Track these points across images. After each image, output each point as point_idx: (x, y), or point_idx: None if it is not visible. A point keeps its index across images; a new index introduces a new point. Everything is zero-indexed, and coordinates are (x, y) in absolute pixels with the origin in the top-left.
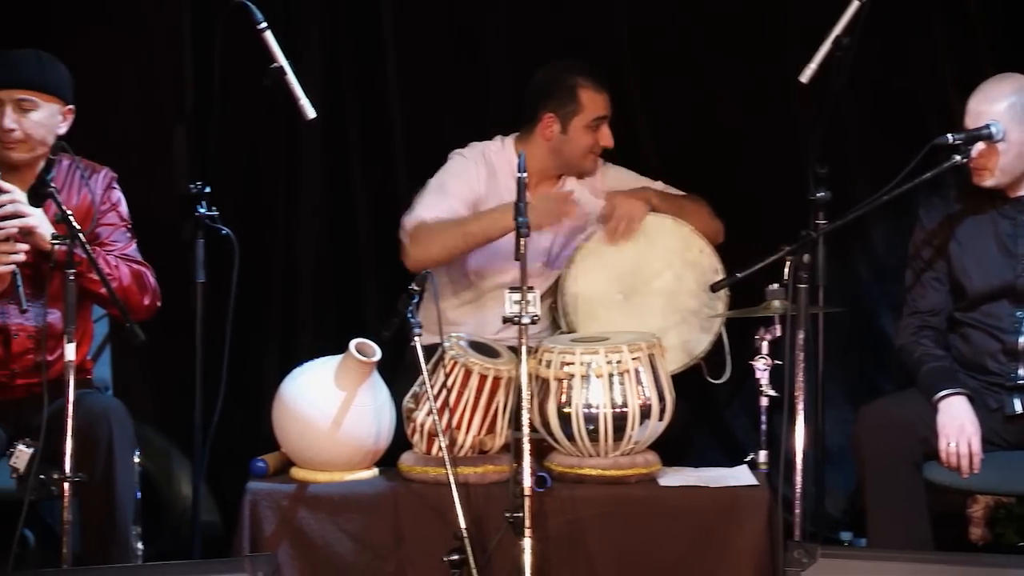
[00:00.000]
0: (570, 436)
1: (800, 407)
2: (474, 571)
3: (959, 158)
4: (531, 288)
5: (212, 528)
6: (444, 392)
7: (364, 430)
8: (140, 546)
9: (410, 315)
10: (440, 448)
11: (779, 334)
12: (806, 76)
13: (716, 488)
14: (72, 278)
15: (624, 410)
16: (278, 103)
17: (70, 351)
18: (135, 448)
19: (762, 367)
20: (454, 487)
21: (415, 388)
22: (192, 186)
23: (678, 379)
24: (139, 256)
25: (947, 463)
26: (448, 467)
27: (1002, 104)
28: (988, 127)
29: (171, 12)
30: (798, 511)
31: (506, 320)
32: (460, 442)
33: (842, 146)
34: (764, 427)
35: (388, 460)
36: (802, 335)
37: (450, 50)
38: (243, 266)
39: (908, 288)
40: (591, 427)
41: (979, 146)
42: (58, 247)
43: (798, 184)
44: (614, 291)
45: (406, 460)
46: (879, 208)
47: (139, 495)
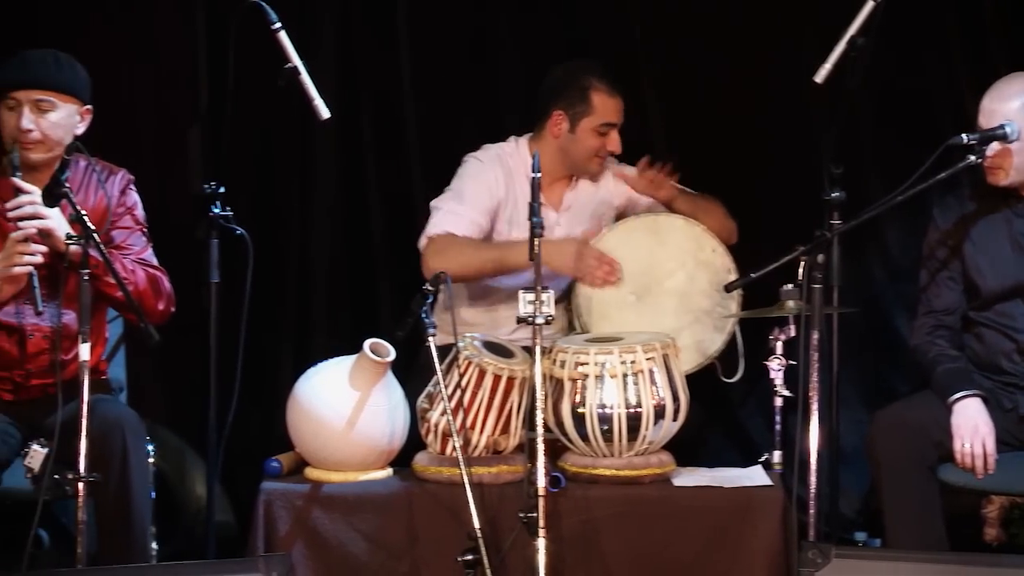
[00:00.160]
0: (584, 436)
1: (814, 407)
2: (488, 571)
3: (973, 158)
4: (545, 288)
5: (226, 528)
6: (458, 392)
7: (378, 430)
8: (154, 546)
9: (424, 315)
10: (454, 448)
11: (793, 334)
12: (821, 76)
13: (730, 488)
14: (87, 278)
15: (638, 410)
16: (292, 103)
17: (84, 351)
18: (149, 453)
19: (776, 367)
20: (468, 487)
21: (429, 388)
22: (206, 186)
23: (692, 379)
24: (155, 260)
25: (962, 464)
26: (462, 467)
27: (1016, 102)
28: (1003, 127)
29: (185, 12)
30: (812, 511)
31: (520, 320)
32: (474, 442)
33: (856, 146)
34: (778, 427)
35: (402, 460)
36: (816, 335)
37: (464, 50)
38: (257, 266)
39: (923, 288)
40: (605, 427)
41: (994, 146)
42: (73, 247)
43: (812, 184)
44: (627, 292)
45: (420, 460)
46: (893, 208)
47: (153, 495)
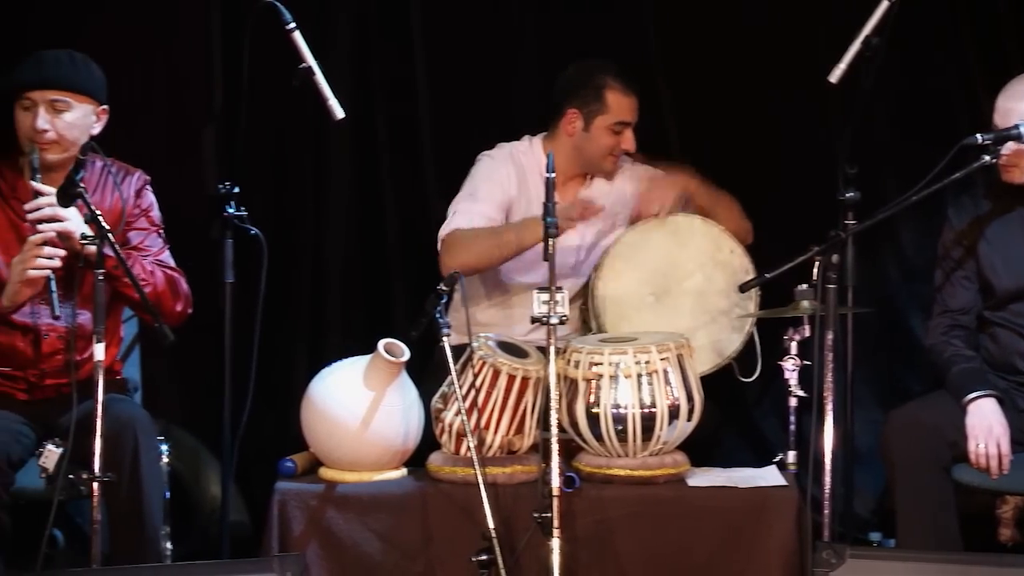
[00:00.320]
0: (598, 436)
1: (829, 407)
2: (502, 571)
3: (988, 158)
4: (559, 288)
5: (241, 528)
6: (473, 392)
7: (392, 430)
8: (169, 546)
9: (438, 315)
10: (468, 448)
11: (808, 334)
12: (835, 76)
13: (745, 489)
14: (101, 279)
15: (652, 410)
16: (307, 103)
17: (99, 351)
18: (161, 453)
19: (791, 367)
20: (482, 487)
21: (443, 388)
22: (221, 186)
23: (707, 380)
24: (172, 261)
25: (976, 464)
26: (476, 467)
27: None
28: (1018, 127)
29: (200, 13)
30: (827, 511)
31: (534, 320)
32: (488, 442)
33: (871, 146)
34: (793, 427)
35: (416, 460)
36: (831, 335)
37: (479, 50)
38: (271, 266)
39: (938, 288)
40: (619, 427)
41: (1009, 145)
42: (88, 247)
43: (827, 184)
44: (645, 292)
45: (434, 460)
46: (908, 208)
47: (168, 495)
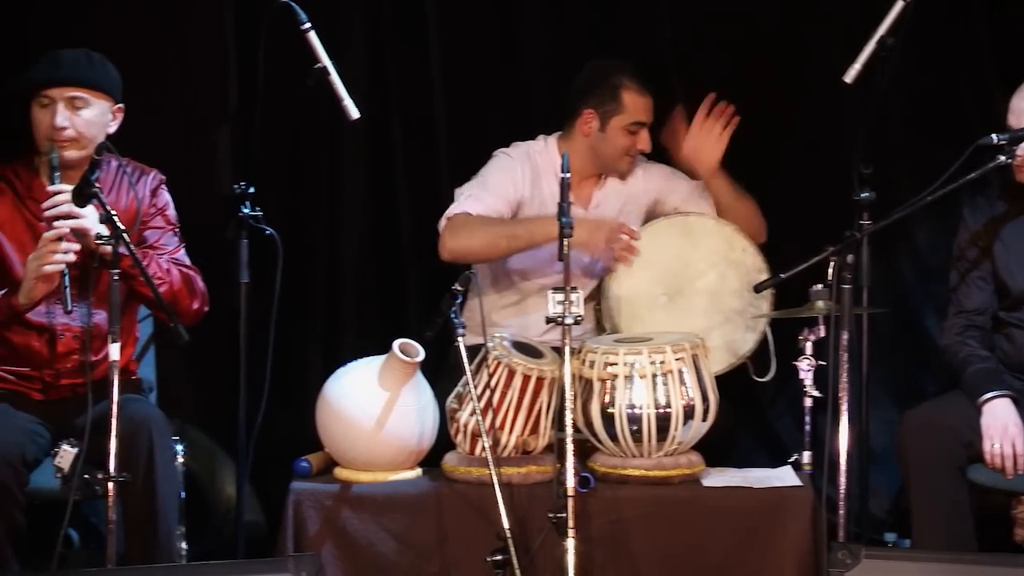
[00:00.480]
0: (613, 436)
1: (844, 408)
2: (517, 571)
3: (1003, 158)
4: (574, 288)
5: (256, 528)
6: (488, 392)
7: (407, 430)
8: (184, 546)
9: (453, 315)
10: (483, 448)
11: (823, 335)
12: (850, 76)
13: (760, 489)
14: (116, 278)
15: (668, 411)
16: (322, 103)
17: (114, 351)
18: (176, 452)
19: (806, 368)
20: (497, 487)
21: (458, 388)
22: (236, 186)
23: (721, 380)
24: (187, 260)
25: (991, 465)
26: (491, 467)
27: None
28: None
29: (215, 13)
30: (842, 512)
31: (549, 320)
32: (503, 442)
33: (886, 146)
34: (808, 428)
35: (431, 460)
36: (846, 335)
37: (494, 49)
38: (286, 266)
39: (953, 288)
40: (634, 427)
41: None
42: (103, 247)
43: (842, 184)
44: (658, 292)
45: (449, 460)
46: (923, 208)
47: (183, 495)
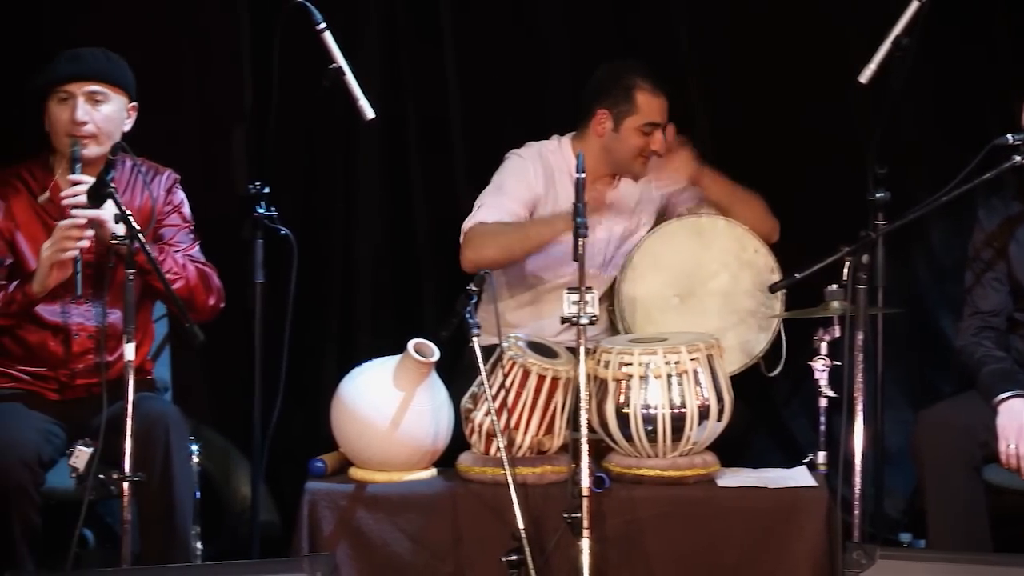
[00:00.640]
0: (628, 437)
1: (859, 408)
2: (532, 572)
3: (1019, 159)
4: (589, 288)
5: (271, 528)
6: (502, 392)
7: (422, 430)
8: (199, 546)
9: (468, 315)
10: (498, 448)
11: (838, 335)
12: (865, 76)
13: (775, 489)
14: (131, 278)
15: (682, 411)
16: (337, 104)
17: (129, 351)
18: (192, 451)
19: (821, 368)
20: (512, 487)
21: (473, 388)
22: (251, 186)
23: (736, 380)
24: (202, 257)
25: (1007, 465)
26: (506, 467)
27: None
28: None
29: (230, 13)
30: (857, 512)
31: (564, 321)
32: (518, 442)
33: (901, 146)
34: (823, 428)
35: (446, 460)
36: (861, 336)
37: (509, 49)
38: (302, 266)
39: (968, 289)
40: (649, 428)
41: None
42: (119, 246)
43: (857, 184)
44: (670, 293)
45: (464, 460)
46: (938, 209)
47: (198, 495)
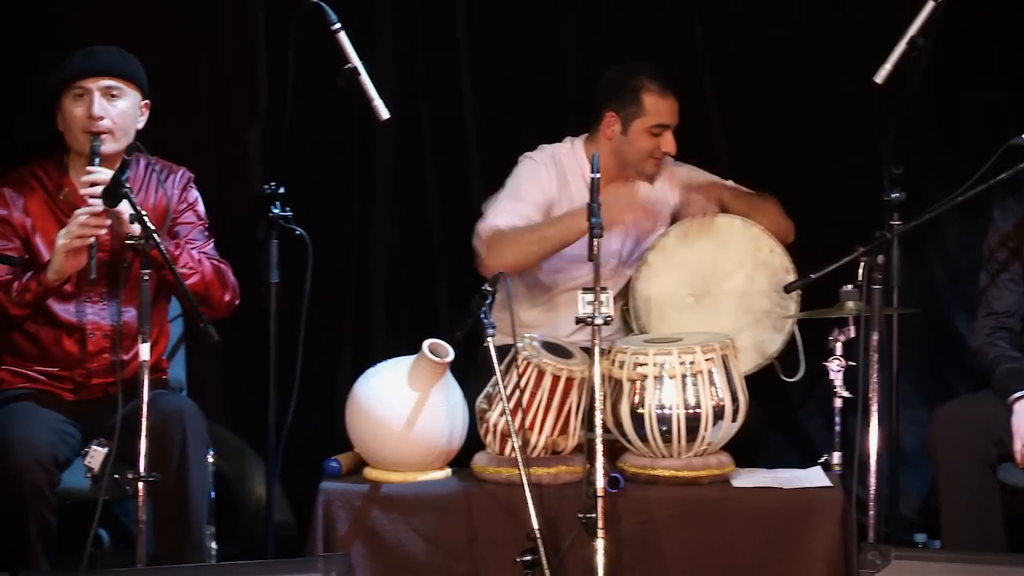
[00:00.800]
0: (643, 437)
1: (874, 408)
2: (547, 572)
3: None
4: (604, 289)
5: (286, 528)
6: (517, 393)
7: (437, 430)
8: (214, 546)
9: (483, 316)
10: (513, 449)
11: (853, 335)
12: (881, 77)
13: (790, 489)
14: (146, 279)
15: (697, 411)
16: (352, 104)
17: (144, 352)
18: (208, 448)
19: (836, 368)
20: (527, 488)
21: (488, 389)
22: (266, 187)
23: (751, 380)
24: (217, 254)
25: (1021, 464)
26: (521, 468)
27: None
28: None
29: (244, 13)
30: (872, 512)
31: (579, 321)
32: (533, 443)
33: (917, 147)
34: (838, 428)
35: (461, 460)
36: (876, 336)
37: (524, 50)
38: (316, 266)
39: (983, 290)
40: (664, 428)
41: None
42: (134, 245)
43: (873, 184)
44: (685, 293)
45: (479, 460)
46: (953, 209)
47: (213, 495)
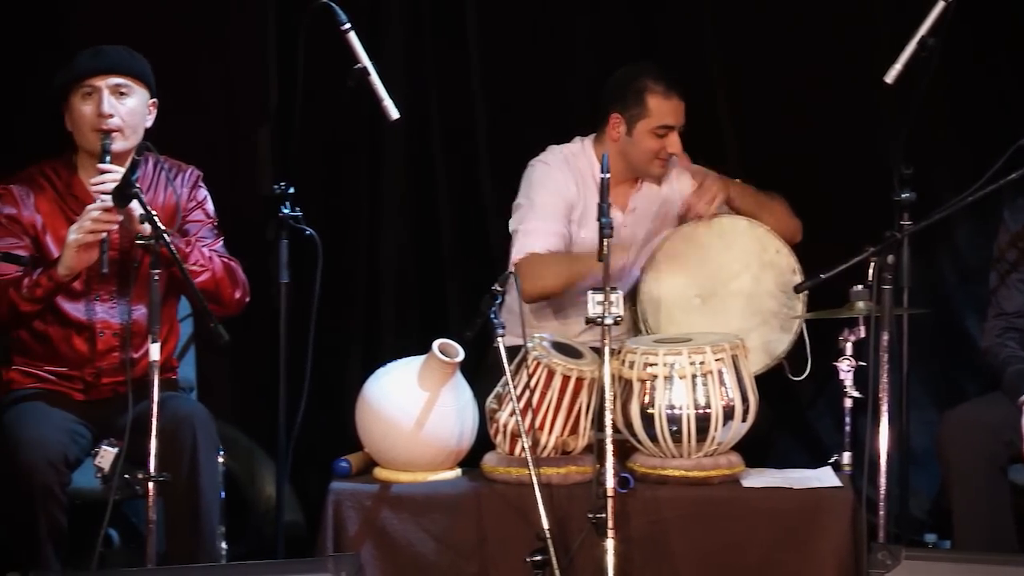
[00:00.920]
0: (653, 437)
1: (884, 408)
2: (557, 572)
3: None
4: (614, 288)
5: (296, 528)
6: (527, 393)
7: (447, 430)
8: (224, 546)
9: (493, 316)
10: (523, 449)
11: (863, 335)
12: (891, 76)
13: (799, 490)
14: (157, 279)
15: (707, 411)
16: (362, 104)
17: (154, 352)
18: (219, 451)
19: (846, 368)
20: (537, 488)
21: (498, 389)
22: (276, 187)
23: (761, 381)
24: (226, 252)
25: None
26: (531, 468)
27: None
28: None
29: (254, 13)
30: (882, 513)
31: (589, 321)
32: (543, 443)
33: (927, 146)
34: (848, 428)
35: (471, 461)
36: (886, 336)
37: (534, 50)
38: (326, 266)
39: (993, 290)
40: (674, 428)
41: None
42: (144, 245)
43: (883, 184)
44: (692, 295)
45: (489, 460)
46: (964, 209)
47: (223, 495)
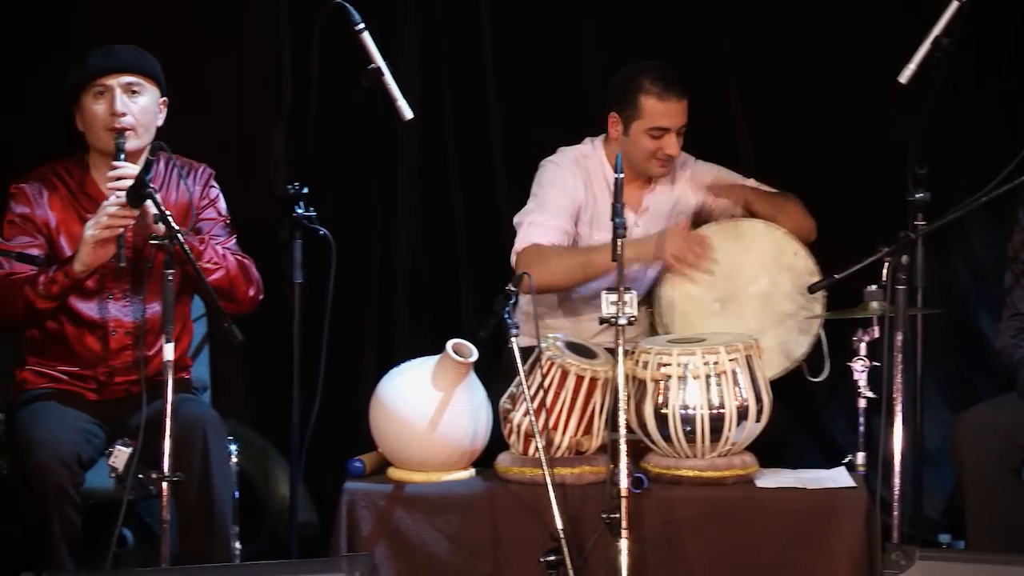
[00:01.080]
0: (667, 437)
1: (898, 409)
2: (571, 572)
3: None
4: (628, 288)
5: (309, 528)
6: (541, 393)
7: (461, 430)
8: (238, 545)
9: (507, 316)
10: (537, 449)
11: (877, 335)
12: (905, 77)
13: (813, 490)
14: (171, 279)
15: (721, 411)
16: (376, 104)
17: (168, 352)
18: (230, 453)
19: (860, 368)
20: (551, 488)
21: (512, 389)
22: (290, 187)
23: (776, 381)
24: (239, 250)
25: None
26: (545, 468)
27: None
28: None
29: (268, 13)
30: (896, 513)
31: (603, 321)
32: (557, 443)
33: (941, 146)
34: (862, 429)
35: (485, 461)
36: (901, 336)
37: (548, 50)
38: (340, 266)
39: (1008, 290)
40: (688, 428)
41: None
42: (159, 245)
43: (897, 184)
44: (710, 298)
45: (503, 461)
46: (978, 209)
47: (237, 495)
